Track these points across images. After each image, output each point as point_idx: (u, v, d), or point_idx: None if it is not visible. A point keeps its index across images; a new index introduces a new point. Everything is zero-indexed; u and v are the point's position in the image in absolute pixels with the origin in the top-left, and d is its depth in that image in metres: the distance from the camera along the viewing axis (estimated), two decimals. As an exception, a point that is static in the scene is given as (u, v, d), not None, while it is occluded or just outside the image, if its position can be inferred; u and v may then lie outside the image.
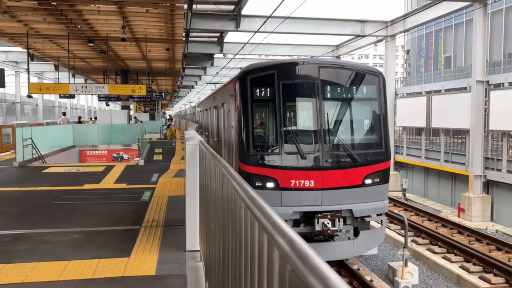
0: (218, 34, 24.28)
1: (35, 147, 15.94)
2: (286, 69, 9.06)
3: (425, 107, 20.56)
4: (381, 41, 24.32)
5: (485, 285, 10.11)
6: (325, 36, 24.36)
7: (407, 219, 11.52)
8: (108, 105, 34.53)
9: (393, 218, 15.04)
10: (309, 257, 0.97)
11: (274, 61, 10.64)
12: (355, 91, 9.30)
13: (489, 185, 17.25)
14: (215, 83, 33.30)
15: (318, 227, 8.45)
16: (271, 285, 1.35)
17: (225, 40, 25.98)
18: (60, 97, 33.53)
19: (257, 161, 8.69)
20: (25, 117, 38.54)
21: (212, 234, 3.39)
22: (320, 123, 8.77)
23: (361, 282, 9.65)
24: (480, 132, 17.12)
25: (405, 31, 23.16)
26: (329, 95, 9.07)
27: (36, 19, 14.84)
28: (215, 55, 30.76)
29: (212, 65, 32.13)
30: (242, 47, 24.71)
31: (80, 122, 32.01)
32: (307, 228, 8.68)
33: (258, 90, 8.95)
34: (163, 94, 35.43)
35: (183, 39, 18.80)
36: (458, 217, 16.97)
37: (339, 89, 9.21)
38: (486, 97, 17.03)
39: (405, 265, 10.24)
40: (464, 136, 19.38)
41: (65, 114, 33.27)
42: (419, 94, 22.23)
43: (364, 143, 9.23)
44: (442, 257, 11.94)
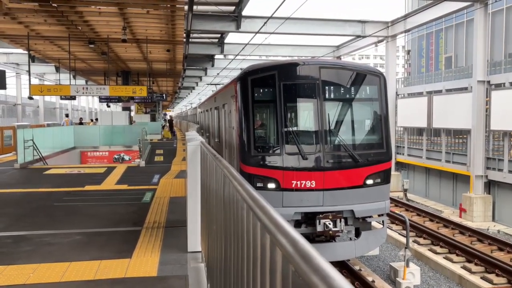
0: (218, 35, 24.28)
1: (36, 148, 15.95)
2: (287, 69, 9.06)
3: (426, 107, 20.55)
4: (381, 41, 24.32)
5: (487, 285, 10.09)
6: (325, 36, 24.40)
7: (409, 220, 11.51)
8: (109, 107, 34.54)
9: (394, 218, 15.03)
10: (313, 257, 0.97)
11: (275, 61, 10.63)
12: (356, 91, 9.30)
13: (490, 185, 17.23)
14: (215, 84, 33.37)
15: (319, 228, 8.44)
16: (273, 285, 1.34)
17: (226, 41, 25.98)
18: (61, 99, 33.56)
19: (258, 162, 8.69)
20: (26, 118, 38.59)
21: (213, 235, 3.38)
22: (321, 124, 8.76)
23: (363, 282, 9.64)
24: (481, 132, 17.10)
25: (406, 31, 23.14)
26: (330, 96, 9.08)
27: (37, 20, 14.86)
28: (216, 56, 30.78)
29: (212, 66, 32.14)
30: (242, 48, 24.72)
31: (81, 123, 32.09)
32: (309, 228, 8.67)
33: (259, 91, 8.96)
34: (164, 95, 35.49)
35: (184, 40, 18.81)
36: (459, 217, 16.95)
37: (340, 89, 9.21)
38: (487, 97, 17.02)
39: (407, 265, 10.23)
40: (465, 136, 19.36)
41: (68, 116, 33.44)
42: (420, 94, 22.22)
43: (365, 144, 9.22)
44: (443, 258, 11.92)
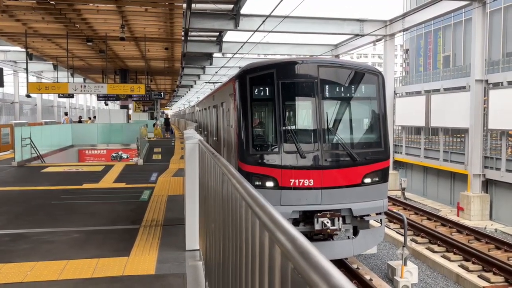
0: (217, 33, 24.27)
1: (34, 146, 15.92)
2: (285, 68, 9.05)
3: (424, 106, 20.58)
4: (380, 40, 24.33)
5: (484, 284, 10.12)
6: (324, 35, 24.39)
7: (407, 218, 11.53)
8: (107, 105, 34.56)
9: (392, 217, 15.05)
10: (312, 254, 0.97)
11: (273, 60, 10.61)
12: (354, 90, 9.30)
13: (488, 184, 17.28)
14: (214, 83, 33.29)
15: (317, 226, 8.46)
16: (272, 283, 1.34)
17: (224, 39, 25.97)
18: (59, 97, 33.54)
19: (257, 160, 8.69)
20: (24, 116, 38.52)
21: (211, 233, 3.38)
22: (319, 122, 8.76)
23: (361, 281, 9.66)
24: (479, 131, 17.14)
25: (404, 30, 23.18)
26: (329, 94, 9.07)
27: (34, 18, 14.82)
28: (214, 55, 30.76)
29: (211, 64, 32.12)
30: (241, 47, 24.71)
31: (80, 121, 32.13)
32: (307, 227, 8.68)
33: (257, 89, 8.94)
34: (162, 93, 35.41)
35: (182, 38, 18.79)
36: (457, 216, 16.99)
37: (339, 88, 9.21)
38: (485, 96, 17.05)
39: (405, 264, 10.25)
40: (463, 135, 19.40)
41: (67, 114, 33.53)
42: (418, 93, 22.24)
43: (363, 142, 9.23)
44: (441, 256, 11.95)
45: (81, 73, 32.33)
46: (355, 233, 9.12)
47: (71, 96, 31.58)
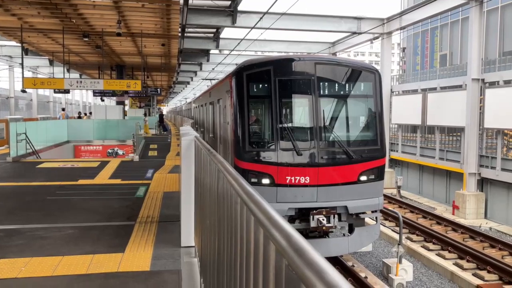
0: (214, 30, 24.20)
1: (29, 142, 15.85)
2: (282, 65, 9.04)
3: (421, 104, 20.61)
4: (377, 38, 24.34)
5: (478, 282, 10.16)
6: (321, 33, 24.37)
7: (402, 216, 11.56)
8: (103, 101, 34.35)
9: (388, 215, 15.09)
10: (306, 251, 0.96)
11: (270, 57, 10.59)
12: (351, 88, 9.31)
13: (483, 183, 17.34)
14: (210, 79, 33.23)
15: (313, 224, 8.47)
16: (267, 279, 1.34)
17: (221, 36, 25.90)
18: (54, 92, 33.36)
19: (253, 157, 8.68)
20: (19, 112, 38.32)
21: (207, 229, 3.37)
22: (316, 120, 8.76)
23: (356, 278, 9.68)
24: (475, 130, 17.19)
25: (401, 28, 23.17)
26: (325, 92, 9.07)
27: (30, 13, 14.72)
28: (211, 51, 30.69)
29: (208, 61, 32.05)
30: (238, 43, 24.67)
31: (80, 117, 32.10)
32: (302, 224, 8.70)
33: (254, 86, 8.94)
34: (159, 89, 35.30)
35: (179, 34, 18.73)
36: (452, 214, 17.06)
37: (335, 86, 9.22)
38: (481, 95, 17.09)
39: (400, 262, 10.29)
40: (459, 134, 19.45)
41: (64, 109, 33.44)
42: (414, 91, 22.27)
43: (359, 140, 9.24)
44: (436, 254, 12.00)
45: (77, 68, 32.19)
46: (351, 230, 9.15)
47: (67, 91, 31.44)
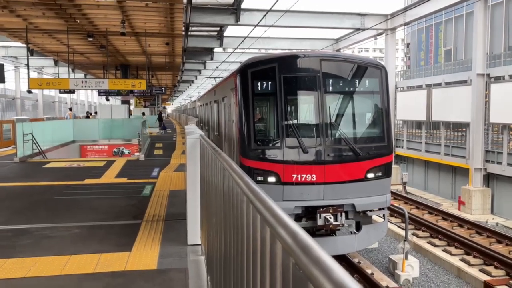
0: (217, 28, 24.20)
1: (35, 142, 15.93)
2: (287, 62, 8.99)
3: (425, 100, 20.53)
4: (381, 34, 24.23)
5: (485, 277, 10.13)
6: (325, 29, 24.27)
7: (408, 212, 11.54)
8: (108, 100, 34.49)
9: (393, 211, 15.06)
10: (312, 249, 0.97)
11: (275, 54, 10.53)
12: (357, 84, 9.20)
13: (489, 178, 17.26)
14: (215, 78, 33.26)
15: (320, 222, 8.42)
16: (273, 277, 1.35)
17: (225, 34, 25.89)
18: (60, 92, 33.50)
19: (258, 155, 8.66)
20: (25, 112, 38.52)
21: (213, 228, 3.39)
22: (322, 117, 8.70)
23: (362, 275, 9.68)
24: (480, 125, 17.10)
25: (405, 24, 23.07)
26: (331, 88, 8.97)
27: (35, 13, 14.79)
28: (215, 49, 30.67)
29: (212, 59, 32.05)
30: (242, 41, 24.64)
31: (88, 117, 32.31)
32: (309, 222, 8.64)
33: (259, 83, 8.87)
34: (163, 88, 35.41)
35: (183, 33, 18.74)
36: (458, 210, 16.99)
37: (341, 82, 9.12)
38: (486, 90, 16.99)
39: (406, 258, 10.27)
40: (464, 129, 19.36)
41: (71, 109, 33.67)
42: (419, 87, 22.18)
43: (366, 137, 9.17)
44: (442, 250, 11.96)
45: (82, 68, 32.32)
46: (358, 228, 9.08)
47: (72, 91, 31.60)
